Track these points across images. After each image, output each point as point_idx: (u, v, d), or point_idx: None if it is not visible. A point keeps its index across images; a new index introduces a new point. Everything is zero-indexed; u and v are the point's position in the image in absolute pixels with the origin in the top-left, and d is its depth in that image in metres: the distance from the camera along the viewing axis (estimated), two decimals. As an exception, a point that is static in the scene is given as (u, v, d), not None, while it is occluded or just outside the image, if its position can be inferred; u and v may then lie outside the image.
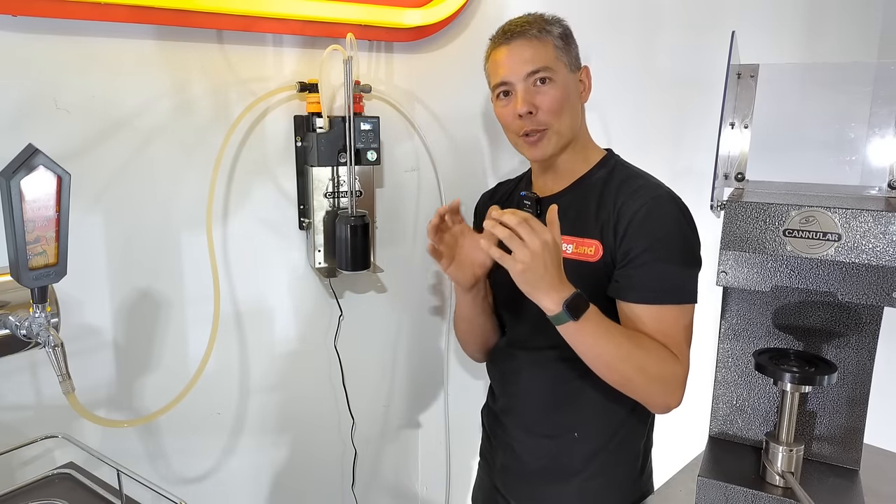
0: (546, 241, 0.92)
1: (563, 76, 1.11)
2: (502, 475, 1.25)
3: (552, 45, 1.11)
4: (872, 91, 1.05)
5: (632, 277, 1.05)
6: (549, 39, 1.11)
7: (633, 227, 1.05)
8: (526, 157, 1.17)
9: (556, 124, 1.10)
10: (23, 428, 1.10)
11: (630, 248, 1.05)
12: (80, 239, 1.08)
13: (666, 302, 1.04)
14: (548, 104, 1.09)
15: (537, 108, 1.09)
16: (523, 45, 1.10)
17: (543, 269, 0.93)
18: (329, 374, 1.44)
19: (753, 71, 1.09)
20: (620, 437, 1.16)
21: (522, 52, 1.10)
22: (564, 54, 1.12)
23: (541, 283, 0.94)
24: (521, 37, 1.10)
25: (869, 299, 0.89)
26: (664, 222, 1.05)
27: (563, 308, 0.94)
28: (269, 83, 1.25)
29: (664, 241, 1.04)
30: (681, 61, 1.81)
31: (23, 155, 0.75)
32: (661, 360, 1.02)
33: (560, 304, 0.94)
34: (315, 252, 1.32)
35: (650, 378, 1.02)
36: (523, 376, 1.19)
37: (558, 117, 1.10)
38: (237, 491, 1.37)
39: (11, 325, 0.87)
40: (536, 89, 1.10)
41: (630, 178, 1.12)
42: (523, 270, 0.93)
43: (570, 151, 1.15)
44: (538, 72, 1.09)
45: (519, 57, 1.10)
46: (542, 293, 0.95)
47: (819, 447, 1.08)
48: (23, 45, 1.03)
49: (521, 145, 1.15)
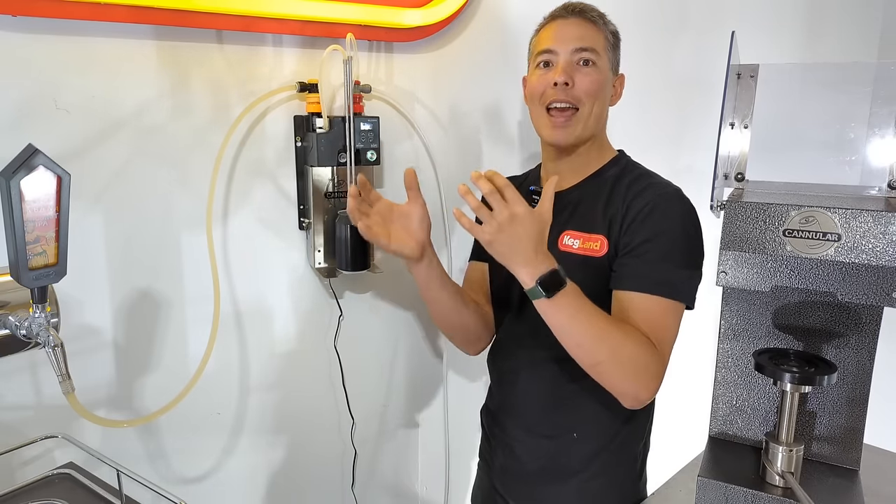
0: (515, 213, 0.90)
1: (606, 68, 1.12)
2: (501, 475, 1.25)
3: (605, 36, 1.13)
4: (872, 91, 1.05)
5: (626, 266, 1.05)
6: (604, 30, 1.13)
7: (637, 221, 1.05)
8: (546, 138, 1.14)
9: (587, 107, 1.10)
10: (23, 428, 1.10)
11: (630, 239, 1.05)
12: (80, 239, 1.07)
13: (656, 293, 1.02)
14: (586, 84, 1.09)
15: (574, 83, 1.09)
16: (579, 23, 1.12)
17: (514, 242, 0.91)
18: (329, 374, 1.44)
19: (753, 71, 1.09)
20: (620, 438, 1.15)
21: (577, 28, 1.11)
22: (611, 51, 1.14)
23: (513, 255, 0.92)
24: (581, 16, 1.12)
25: (869, 299, 0.89)
26: (667, 218, 1.05)
27: (536, 284, 0.93)
28: (269, 83, 1.25)
29: (665, 235, 1.04)
30: (681, 61, 1.81)
31: (23, 155, 0.75)
32: (636, 347, 0.98)
33: (534, 280, 0.92)
34: (315, 252, 1.32)
35: (621, 363, 0.98)
36: (522, 376, 1.19)
37: (591, 100, 1.09)
38: (237, 491, 1.37)
39: (11, 325, 0.87)
40: (578, 68, 1.10)
41: (641, 176, 1.13)
42: (489, 242, 0.92)
43: (588, 147, 1.15)
44: (586, 51, 1.09)
45: (572, 32, 1.11)
46: (515, 265, 0.93)
47: (819, 447, 1.08)
48: (23, 45, 1.03)
49: (544, 125, 1.12)
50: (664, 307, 1.03)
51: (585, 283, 1.07)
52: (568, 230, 1.12)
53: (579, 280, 1.07)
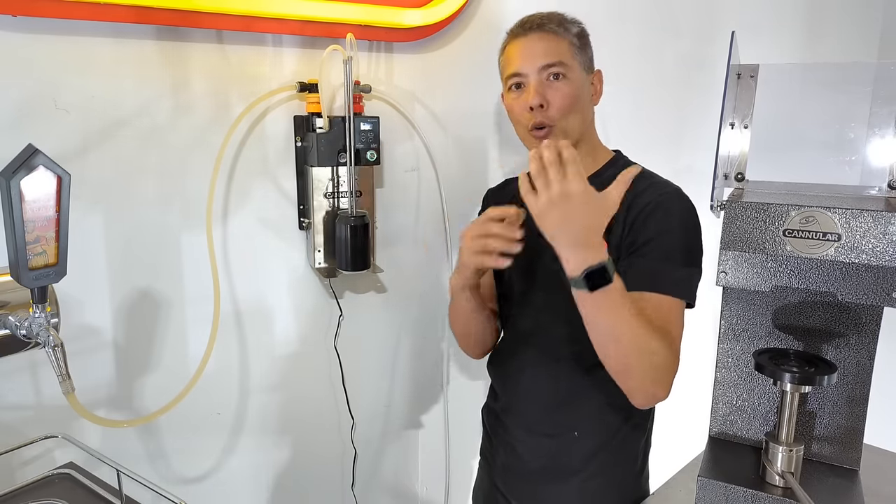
0: (569, 191, 0.86)
1: (577, 75, 1.11)
2: (503, 474, 1.25)
3: (569, 43, 1.11)
4: (872, 91, 1.05)
5: (633, 265, 1.04)
6: (567, 37, 1.11)
7: (639, 221, 1.05)
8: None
9: (565, 122, 1.10)
10: (23, 428, 1.10)
11: (634, 239, 1.05)
12: (80, 239, 1.08)
13: (664, 292, 1.02)
14: (559, 100, 1.08)
15: (549, 102, 1.08)
16: (540, 39, 1.10)
17: (565, 221, 0.87)
18: (329, 374, 1.44)
19: (753, 71, 1.09)
20: (621, 436, 1.15)
21: (539, 45, 1.10)
22: (580, 54, 1.12)
23: (561, 235, 0.89)
24: (540, 30, 1.10)
25: (869, 299, 0.89)
26: (669, 216, 1.05)
27: (582, 275, 0.88)
28: (269, 83, 1.25)
29: (667, 234, 1.04)
30: (681, 61, 1.81)
31: (23, 155, 0.75)
32: (658, 345, 0.96)
33: (580, 269, 0.88)
34: (315, 252, 1.32)
35: (647, 362, 0.96)
36: (524, 374, 1.19)
37: (567, 115, 1.09)
38: (237, 491, 1.37)
39: (11, 325, 0.87)
40: (549, 84, 1.09)
41: (641, 176, 1.12)
42: (538, 215, 0.89)
43: (581, 153, 1.14)
44: (553, 66, 1.08)
45: (535, 50, 1.09)
46: (561, 246, 0.89)
47: (819, 447, 1.08)
48: (23, 45, 1.03)
49: (529, 140, 1.14)
50: (671, 305, 1.03)
51: None
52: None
53: None
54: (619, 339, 0.95)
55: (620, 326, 0.93)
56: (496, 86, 1.52)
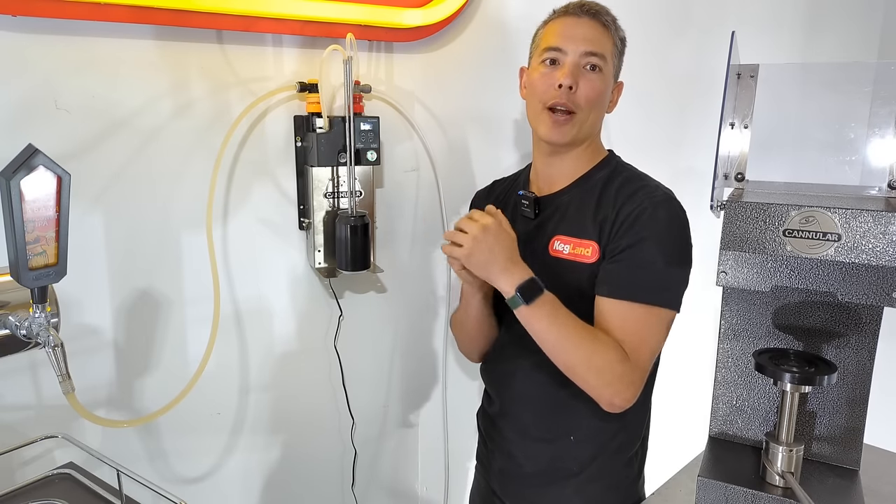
0: (486, 224, 0.98)
1: (610, 74, 1.11)
2: (499, 478, 1.25)
3: (613, 43, 1.11)
4: (872, 91, 1.05)
5: (608, 272, 1.04)
6: (614, 36, 1.11)
7: (624, 226, 1.04)
8: (542, 135, 1.11)
9: (585, 114, 1.08)
10: (23, 428, 1.10)
11: (616, 245, 1.04)
12: (80, 239, 1.07)
13: (636, 300, 1.02)
14: (588, 90, 1.07)
15: (578, 88, 1.07)
16: (592, 26, 1.09)
17: (489, 253, 0.99)
18: (329, 374, 1.44)
19: (753, 71, 1.09)
20: (617, 441, 1.15)
21: (589, 30, 1.08)
22: (617, 57, 1.12)
23: (490, 266, 1.00)
24: (595, 18, 1.09)
25: (869, 299, 0.89)
26: (653, 222, 1.03)
27: (516, 291, 0.99)
28: (269, 83, 1.25)
29: (649, 241, 1.02)
30: (681, 61, 1.81)
31: (23, 155, 0.75)
32: (609, 355, 1.00)
33: (513, 287, 0.99)
34: (315, 252, 1.32)
35: (594, 370, 1.01)
36: (518, 379, 1.18)
37: (591, 107, 1.08)
38: (237, 491, 1.37)
39: (11, 325, 0.87)
40: (584, 72, 1.08)
41: (631, 179, 1.11)
42: (468, 255, 1.00)
43: (580, 150, 1.14)
44: (595, 55, 1.07)
45: (584, 33, 1.08)
46: (495, 276, 1.00)
47: (819, 447, 1.08)
48: (23, 45, 1.03)
49: (542, 121, 1.10)
50: (644, 314, 1.02)
51: (575, 289, 1.07)
52: (558, 235, 1.11)
53: (568, 285, 1.07)
54: (564, 349, 1.02)
55: (563, 336, 1.01)
56: (496, 86, 1.53)
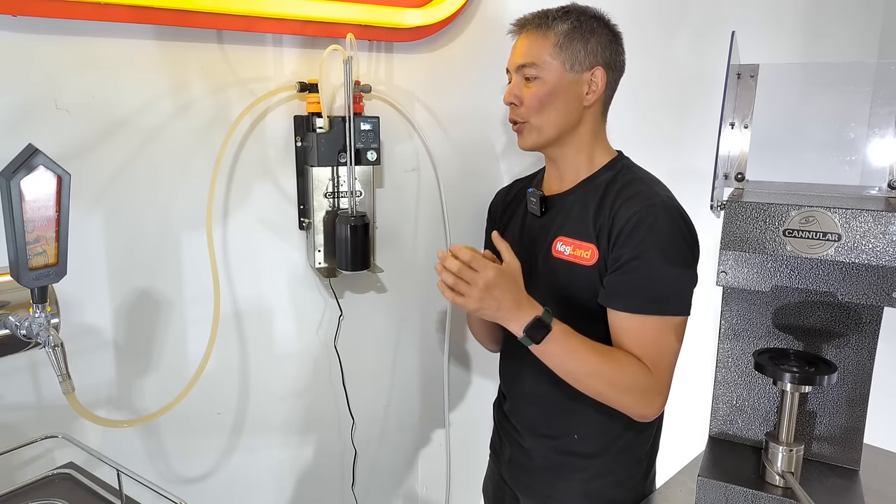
0: (489, 278, 0.96)
1: (555, 74, 1.10)
2: (509, 469, 1.29)
3: (551, 42, 1.10)
4: (872, 91, 1.05)
5: (617, 284, 1.05)
6: (549, 36, 1.10)
7: (623, 235, 1.04)
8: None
9: (535, 120, 1.12)
10: (23, 428, 1.10)
11: (619, 255, 1.04)
12: (80, 239, 1.07)
13: (648, 312, 1.03)
14: (527, 100, 1.12)
15: (521, 100, 1.13)
16: (524, 38, 1.14)
17: (497, 304, 0.97)
18: (329, 374, 1.44)
19: (753, 71, 1.09)
20: (623, 441, 1.15)
21: (521, 45, 1.14)
22: (563, 52, 1.09)
23: (498, 314, 0.99)
24: (522, 30, 1.15)
25: (869, 299, 0.89)
26: (654, 231, 1.02)
27: (525, 333, 0.99)
28: (269, 83, 1.25)
29: (652, 250, 1.02)
30: (681, 61, 1.81)
31: (23, 155, 0.75)
32: (630, 374, 1.02)
33: (521, 331, 0.99)
34: (315, 252, 1.32)
35: (620, 391, 1.03)
36: (524, 377, 1.21)
37: (537, 114, 1.12)
38: (237, 491, 1.37)
39: (11, 325, 0.87)
40: (525, 84, 1.13)
41: (631, 183, 1.10)
42: (477, 310, 0.98)
43: (571, 151, 1.15)
44: (525, 67, 1.12)
45: (518, 48, 1.15)
46: (504, 322, 1.00)
47: (819, 447, 1.08)
48: (23, 45, 1.03)
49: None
50: (657, 325, 1.03)
51: (574, 290, 1.09)
52: (561, 236, 1.13)
53: (569, 286, 1.09)
54: (585, 377, 1.03)
55: (580, 365, 1.01)
56: (496, 86, 1.53)
